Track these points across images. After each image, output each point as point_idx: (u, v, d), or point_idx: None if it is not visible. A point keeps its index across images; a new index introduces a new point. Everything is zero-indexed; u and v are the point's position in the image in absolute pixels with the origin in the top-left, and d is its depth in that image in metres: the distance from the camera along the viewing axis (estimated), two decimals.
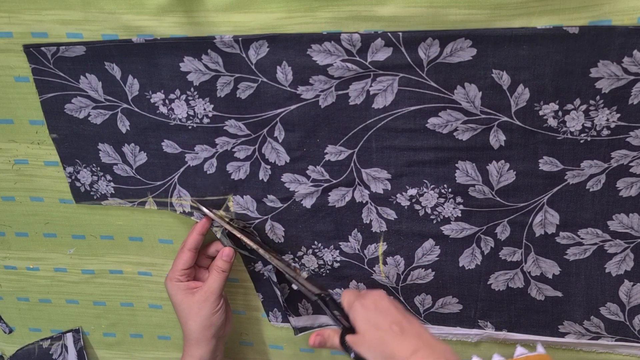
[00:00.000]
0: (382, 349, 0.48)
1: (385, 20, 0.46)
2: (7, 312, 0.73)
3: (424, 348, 0.47)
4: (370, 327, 0.50)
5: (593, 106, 0.46)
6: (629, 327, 0.55)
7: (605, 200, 0.50)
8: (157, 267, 0.66)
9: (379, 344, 0.49)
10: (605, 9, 0.44)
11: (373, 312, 0.51)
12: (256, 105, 0.52)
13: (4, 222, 0.66)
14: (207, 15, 0.48)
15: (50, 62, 0.53)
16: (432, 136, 0.50)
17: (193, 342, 0.58)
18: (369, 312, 0.51)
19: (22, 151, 0.60)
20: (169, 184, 0.58)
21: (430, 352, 0.46)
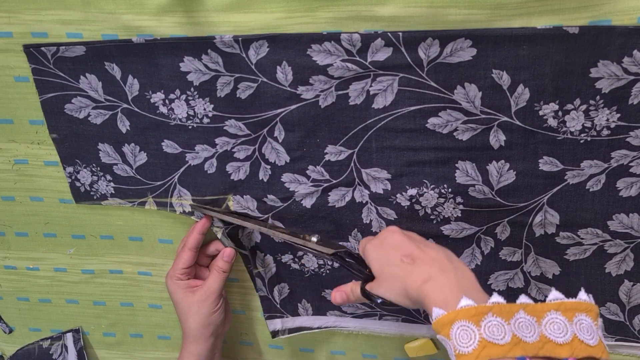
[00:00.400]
0: (398, 285, 0.45)
1: (385, 20, 0.46)
2: (7, 312, 0.73)
3: (437, 274, 0.43)
4: (383, 267, 0.48)
5: (593, 106, 0.46)
6: (629, 327, 0.55)
7: (605, 200, 0.50)
8: (157, 267, 0.66)
9: (393, 281, 0.46)
10: (605, 9, 0.44)
11: (383, 250, 0.49)
12: (256, 105, 0.52)
13: (4, 222, 0.66)
14: (207, 15, 0.48)
15: (50, 62, 0.53)
16: (432, 136, 0.50)
17: (192, 339, 0.58)
18: (379, 252, 0.49)
19: (22, 151, 0.60)
20: (169, 184, 0.58)
21: (444, 278, 0.43)
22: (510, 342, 0.37)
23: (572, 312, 0.39)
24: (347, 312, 0.63)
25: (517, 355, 0.36)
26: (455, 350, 0.38)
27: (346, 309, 0.62)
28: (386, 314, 0.62)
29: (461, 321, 0.38)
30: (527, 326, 0.38)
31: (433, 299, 0.41)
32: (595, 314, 0.40)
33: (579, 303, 0.40)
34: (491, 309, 0.38)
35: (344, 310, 0.62)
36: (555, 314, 0.39)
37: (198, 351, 0.58)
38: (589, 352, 0.37)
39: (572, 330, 0.38)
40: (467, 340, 0.37)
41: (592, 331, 0.38)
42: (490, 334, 0.37)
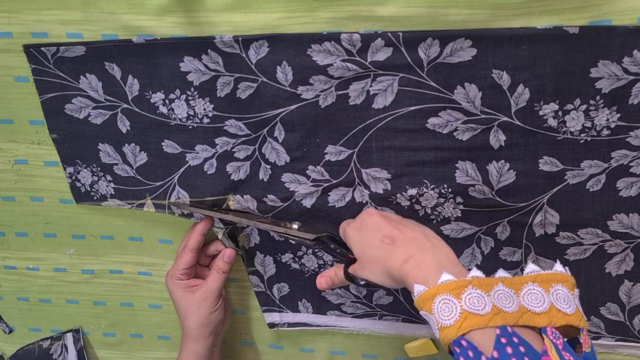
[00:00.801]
0: (379, 266, 0.46)
1: (385, 20, 0.46)
2: (7, 312, 0.73)
3: (416, 253, 0.44)
4: (364, 249, 0.49)
5: (593, 106, 0.46)
6: (629, 327, 0.55)
7: (605, 200, 0.50)
8: (157, 267, 0.66)
9: (375, 263, 0.47)
10: (605, 9, 0.44)
11: (363, 233, 0.49)
12: (256, 105, 0.52)
13: (4, 222, 0.66)
14: (207, 15, 0.48)
15: (50, 62, 0.53)
16: (432, 136, 0.50)
17: (191, 338, 0.58)
18: (359, 234, 0.50)
19: (22, 151, 0.60)
20: (168, 185, 0.58)
21: (422, 256, 0.43)
22: (491, 312, 0.38)
23: (549, 283, 0.40)
24: (347, 312, 0.63)
25: (497, 324, 0.37)
26: (438, 324, 0.39)
27: (346, 309, 0.62)
28: (386, 314, 0.62)
29: (442, 295, 0.39)
30: (506, 297, 0.39)
31: (413, 278, 0.42)
32: (572, 284, 0.41)
33: (555, 274, 0.41)
34: (471, 282, 0.39)
35: (344, 310, 0.62)
36: (532, 285, 0.40)
37: (197, 350, 0.59)
38: (567, 320, 0.39)
39: (549, 300, 0.39)
40: (449, 312, 0.38)
41: (568, 300, 0.40)
42: (471, 305, 0.38)
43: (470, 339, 0.37)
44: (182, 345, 0.59)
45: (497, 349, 0.36)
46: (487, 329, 0.37)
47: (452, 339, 0.38)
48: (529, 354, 0.36)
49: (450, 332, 0.38)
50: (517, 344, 0.36)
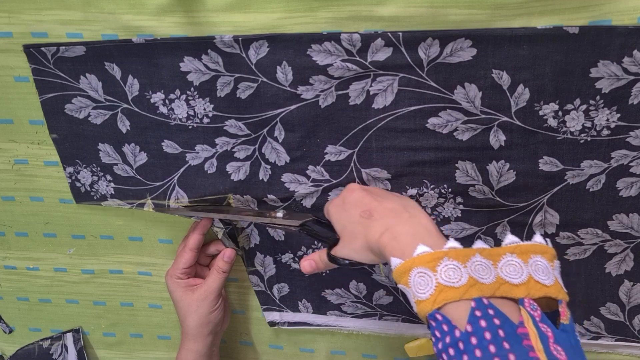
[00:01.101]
0: (359, 242, 0.46)
1: (385, 20, 0.46)
2: (7, 312, 0.73)
3: (393, 224, 0.43)
4: (345, 225, 0.48)
5: (593, 106, 0.46)
6: (629, 327, 0.55)
7: (605, 200, 0.50)
8: (157, 267, 0.66)
9: (355, 239, 0.46)
10: (605, 9, 0.44)
11: (344, 210, 0.49)
12: (256, 105, 0.52)
13: (4, 222, 0.66)
14: (207, 15, 0.48)
15: (50, 63, 0.53)
16: (432, 136, 0.50)
17: (190, 337, 0.58)
18: (340, 212, 0.49)
19: (22, 151, 0.60)
20: (167, 185, 0.58)
21: (399, 227, 0.43)
22: (467, 283, 0.37)
23: (528, 255, 0.39)
24: (347, 312, 0.63)
25: (473, 296, 0.36)
26: (414, 297, 0.38)
27: (346, 309, 0.62)
28: (386, 314, 0.62)
29: (418, 268, 0.38)
30: (483, 268, 0.38)
31: (391, 250, 0.41)
32: (551, 256, 0.40)
33: (534, 245, 0.40)
34: (447, 253, 0.38)
35: (344, 310, 0.62)
36: (510, 257, 0.39)
37: (197, 349, 0.59)
38: (545, 291, 0.38)
39: (527, 271, 0.38)
40: (425, 286, 0.38)
41: (547, 272, 0.39)
42: (446, 278, 0.37)
43: (445, 313, 0.37)
44: (182, 344, 0.59)
45: (470, 322, 0.35)
46: (462, 301, 0.36)
47: (428, 312, 0.37)
48: (505, 325, 0.35)
49: (425, 306, 0.37)
50: (492, 316, 0.35)
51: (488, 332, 0.35)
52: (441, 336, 0.37)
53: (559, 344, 0.35)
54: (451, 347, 0.36)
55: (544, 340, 0.35)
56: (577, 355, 0.36)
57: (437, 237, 0.42)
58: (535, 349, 0.34)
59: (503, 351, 0.34)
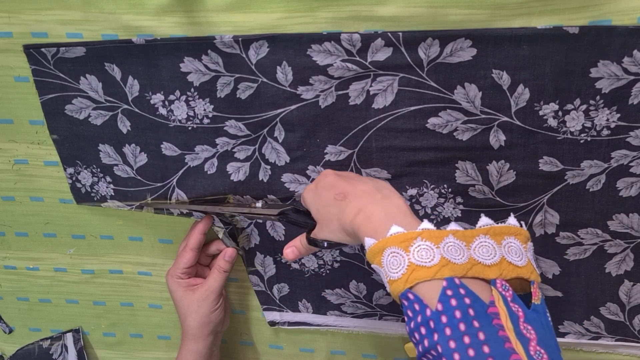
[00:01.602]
0: (335, 224, 0.46)
1: (386, 20, 0.46)
2: (7, 312, 0.73)
3: (367, 205, 0.43)
4: (319, 209, 0.48)
5: (593, 106, 0.46)
6: (629, 327, 0.55)
7: (605, 200, 0.50)
8: (157, 267, 0.66)
9: (331, 221, 0.46)
10: (606, 9, 0.44)
11: (318, 194, 0.49)
12: (256, 106, 0.52)
13: (4, 222, 0.66)
14: (207, 15, 0.48)
15: (51, 63, 0.53)
16: (432, 136, 0.50)
17: (191, 337, 0.58)
18: (315, 196, 0.49)
19: (22, 151, 0.60)
20: (167, 186, 0.58)
21: (372, 208, 0.43)
22: (439, 263, 0.37)
23: (501, 236, 0.40)
24: (347, 312, 0.63)
25: (445, 276, 0.37)
26: (387, 277, 0.39)
27: (346, 309, 0.62)
28: (386, 314, 0.62)
29: (391, 248, 0.39)
30: (456, 249, 0.38)
31: (364, 231, 0.42)
32: (525, 237, 0.40)
33: (508, 227, 0.40)
34: (420, 234, 0.39)
35: (344, 310, 0.62)
36: (484, 238, 0.39)
37: (197, 349, 0.58)
38: (517, 272, 0.38)
39: (500, 252, 0.39)
40: (397, 265, 0.38)
41: (520, 253, 0.39)
42: (419, 258, 0.37)
43: (417, 292, 0.37)
44: (182, 344, 0.59)
45: (441, 301, 0.36)
46: (434, 281, 0.37)
47: (400, 292, 0.38)
48: (475, 305, 0.35)
49: (398, 285, 0.38)
50: (463, 295, 0.36)
51: (458, 311, 0.35)
52: (413, 315, 0.37)
53: (529, 324, 0.35)
54: (422, 326, 0.36)
55: (514, 320, 0.35)
56: (547, 335, 0.36)
57: (410, 217, 0.42)
58: (505, 327, 0.34)
59: (472, 329, 0.34)
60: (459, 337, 0.34)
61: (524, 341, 0.34)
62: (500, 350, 0.33)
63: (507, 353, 0.33)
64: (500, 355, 0.32)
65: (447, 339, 0.34)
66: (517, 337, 0.34)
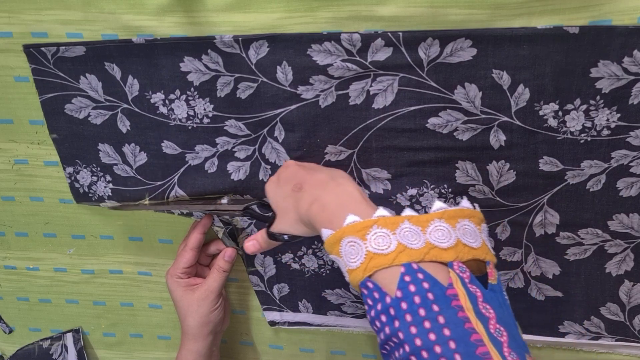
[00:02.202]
0: (292, 215, 0.46)
1: (386, 20, 0.46)
2: (7, 312, 0.73)
3: (321, 195, 0.43)
4: (279, 201, 0.48)
5: (593, 106, 0.46)
6: (629, 327, 0.55)
7: (605, 200, 0.50)
8: (157, 267, 0.66)
9: (288, 213, 0.47)
10: (606, 9, 0.44)
11: (278, 186, 0.49)
12: (256, 105, 0.52)
13: (4, 222, 0.66)
14: (207, 15, 0.48)
15: (50, 63, 0.53)
16: (432, 136, 0.50)
17: (191, 337, 0.58)
18: (274, 188, 0.50)
19: (22, 151, 0.60)
20: (167, 185, 0.57)
21: (326, 196, 0.43)
22: (396, 250, 0.37)
23: (455, 219, 0.40)
24: (347, 312, 0.63)
25: (402, 262, 0.37)
26: (346, 267, 0.39)
27: (346, 309, 0.62)
28: None
29: (348, 237, 0.39)
30: (412, 235, 0.39)
31: (319, 220, 0.42)
32: (478, 219, 0.41)
33: (462, 210, 0.41)
34: (376, 222, 0.39)
35: (344, 310, 0.62)
36: (439, 222, 0.40)
37: (197, 349, 0.58)
38: (473, 254, 0.39)
39: (455, 235, 0.39)
40: (355, 255, 0.38)
41: (475, 235, 0.40)
42: (376, 246, 0.38)
43: (376, 280, 0.37)
44: (182, 344, 0.59)
45: (400, 287, 0.36)
46: (392, 267, 0.37)
47: (359, 281, 0.38)
48: (434, 288, 0.36)
49: (357, 275, 0.38)
50: (421, 280, 0.36)
51: (417, 297, 0.35)
52: (373, 304, 0.37)
53: (488, 303, 0.36)
54: (383, 314, 0.36)
55: (472, 300, 0.35)
56: (505, 313, 0.37)
57: (364, 204, 0.42)
58: (465, 308, 0.35)
59: (432, 314, 0.34)
60: (420, 323, 0.34)
61: (483, 320, 0.34)
62: (460, 331, 0.33)
63: (468, 333, 0.33)
64: (461, 337, 0.33)
65: (408, 325, 0.35)
66: (477, 317, 0.34)
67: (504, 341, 0.34)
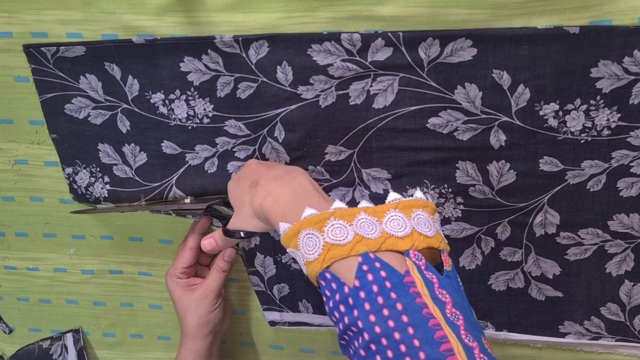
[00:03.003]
0: (247, 210, 0.47)
1: (386, 20, 0.46)
2: (7, 312, 0.73)
3: (276, 189, 0.44)
4: (236, 198, 0.49)
5: (593, 106, 0.46)
6: (630, 328, 0.55)
7: (605, 201, 0.50)
8: (157, 267, 0.66)
9: (243, 209, 0.48)
10: (606, 8, 0.44)
11: (237, 184, 0.50)
12: (256, 105, 0.52)
13: (4, 222, 0.66)
14: (207, 15, 0.48)
15: (50, 62, 0.53)
16: (433, 136, 0.50)
17: (190, 337, 0.58)
18: (234, 186, 0.51)
19: (22, 151, 0.60)
20: (164, 186, 0.57)
21: (279, 190, 0.44)
22: (353, 240, 0.38)
23: (410, 209, 0.41)
24: None
25: (360, 252, 0.38)
26: (304, 259, 0.39)
27: None
28: None
29: (306, 230, 0.40)
30: (368, 225, 0.39)
31: (274, 214, 0.43)
32: (432, 209, 0.42)
33: (416, 200, 0.42)
34: (333, 214, 0.40)
35: None
36: (394, 212, 0.41)
37: (196, 349, 0.58)
38: (428, 242, 0.40)
39: (410, 224, 0.40)
40: (313, 247, 0.39)
41: (429, 224, 0.41)
42: (333, 237, 0.38)
43: (334, 271, 0.38)
44: (181, 344, 0.59)
45: (358, 277, 0.37)
46: (349, 258, 0.38)
47: (318, 272, 0.38)
48: (391, 276, 0.36)
49: (315, 266, 0.38)
50: (379, 269, 0.37)
51: (375, 285, 0.36)
52: (331, 295, 0.38)
53: (444, 288, 0.37)
54: (341, 304, 0.37)
55: (429, 286, 0.36)
56: (460, 298, 0.38)
57: (318, 196, 0.43)
58: (422, 294, 0.35)
59: (390, 301, 0.35)
60: (378, 310, 0.35)
61: (440, 305, 0.35)
62: (418, 317, 0.34)
63: (426, 319, 0.34)
64: (419, 322, 0.34)
65: (366, 313, 0.35)
66: (434, 302, 0.35)
67: (460, 324, 0.35)
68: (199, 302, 0.58)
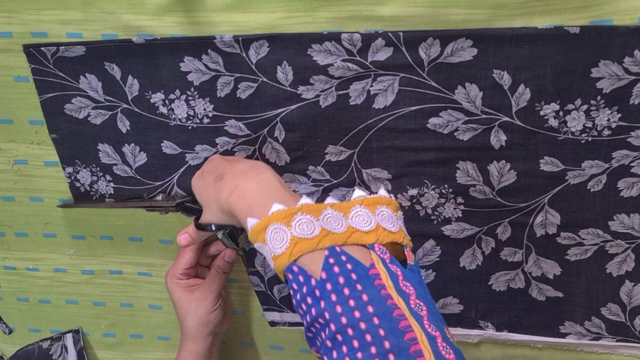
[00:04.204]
0: (214, 205, 0.47)
1: (386, 20, 0.46)
2: (7, 312, 0.73)
3: (241, 184, 0.45)
4: (202, 193, 0.50)
5: (594, 106, 0.46)
6: (630, 328, 0.55)
7: (606, 201, 0.50)
8: (157, 268, 0.66)
9: (211, 203, 0.48)
10: (606, 8, 0.44)
11: (202, 179, 0.51)
12: (256, 105, 0.52)
13: (4, 222, 0.66)
14: (207, 15, 0.48)
15: (50, 62, 0.53)
16: (433, 136, 0.50)
17: (190, 337, 0.58)
18: (198, 181, 0.51)
19: (22, 151, 0.60)
20: (166, 185, 0.57)
21: (246, 185, 0.44)
22: (320, 234, 0.39)
23: (374, 206, 0.43)
24: None
25: (326, 245, 0.39)
26: (272, 253, 0.40)
27: None
28: None
29: (274, 224, 0.40)
30: (335, 220, 0.41)
31: (240, 208, 0.43)
32: (395, 207, 0.44)
33: (380, 198, 0.43)
34: (300, 209, 0.41)
35: None
36: (359, 208, 0.42)
37: (196, 349, 0.58)
38: (392, 237, 0.42)
39: (375, 220, 0.42)
40: (280, 240, 0.40)
41: (392, 220, 0.43)
42: (300, 231, 0.39)
43: (301, 264, 0.39)
44: (181, 345, 0.59)
45: (325, 269, 0.38)
46: (316, 251, 0.39)
47: (285, 266, 0.39)
48: (357, 269, 0.37)
49: (282, 260, 0.39)
50: (344, 262, 0.38)
51: (342, 277, 0.37)
52: (298, 288, 0.39)
53: (407, 281, 0.39)
54: (308, 296, 0.38)
55: (393, 279, 0.38)
56: (422, 290, 0.39)
57: (284, 192, 0.44)
58: (386, 286, 0.37)
59: (356, 292, 0.36)
60: (345, 301, 0.36)
61: (404, 296, 0.37)
62: (383, 307, 0.35)
63: (390, 309, 0.35)
64: (384, 313, 0.35)
65: (333, 304, 0.36)
66: (398, 293, 0.36)
67: (424, 315, 0.36)
68: (199, 303, 0.58)
